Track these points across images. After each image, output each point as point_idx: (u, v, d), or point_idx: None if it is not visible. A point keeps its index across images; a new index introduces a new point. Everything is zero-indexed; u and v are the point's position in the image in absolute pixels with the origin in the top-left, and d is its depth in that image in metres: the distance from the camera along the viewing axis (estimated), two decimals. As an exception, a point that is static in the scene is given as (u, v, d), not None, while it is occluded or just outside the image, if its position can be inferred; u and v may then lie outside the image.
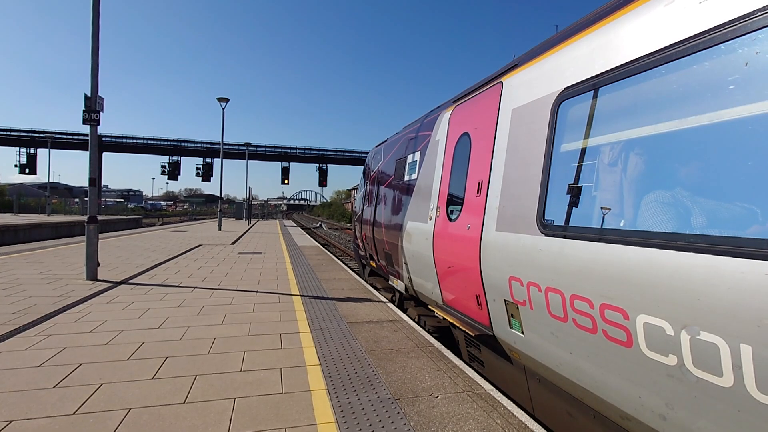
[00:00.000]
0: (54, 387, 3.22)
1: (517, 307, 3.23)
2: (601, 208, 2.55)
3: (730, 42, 1.88)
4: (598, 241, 2.43)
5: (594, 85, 2.69)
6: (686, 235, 1.95)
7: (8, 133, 53.85)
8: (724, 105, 1.89)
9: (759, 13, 1.78)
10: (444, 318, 5.00)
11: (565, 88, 2.96)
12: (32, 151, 50.92)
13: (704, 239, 1.87)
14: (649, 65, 2.29)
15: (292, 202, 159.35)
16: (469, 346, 4.73)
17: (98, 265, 7.69)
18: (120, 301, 6.01)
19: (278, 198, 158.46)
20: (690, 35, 2.06)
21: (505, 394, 3.64)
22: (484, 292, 3.76)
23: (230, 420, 2.81)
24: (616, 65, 2.51)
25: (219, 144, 29.51)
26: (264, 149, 62.34)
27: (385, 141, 8.94)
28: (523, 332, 3.23)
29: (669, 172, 2.17)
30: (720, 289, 1.76)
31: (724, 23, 1.91)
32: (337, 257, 13.84)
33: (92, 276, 7.51)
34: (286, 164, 55.52)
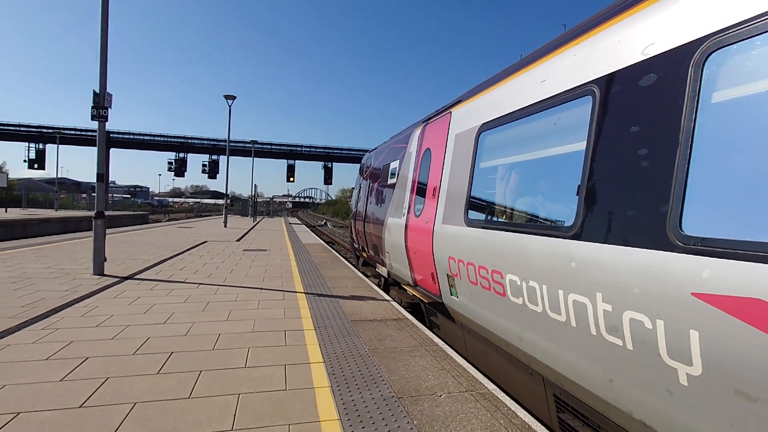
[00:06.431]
0: (61, 380, 3.26)
1: (454, 279, 4.40)
2: (495, 207, 3.88)
3: (556, 107, 3.10)
4: (491, 229, 3.68)
5: (498, 123, 3.90)
6: (526, 223, 3.33)
7: (17, 128, 54.42)
8: (555, 144, 3.15)
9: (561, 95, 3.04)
10: (414, 295, 6.04)
11: (483, 123, 4.20)
12: (41, 146, 51.45)
13: (521, 225, 3.34)
14: (523, 114, 3.49)
15: (297, 199, 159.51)
16: (430, 315, 5.85)
17: (105, 260, 7.76)
18: (126, 296, 6.06)
19: (283, 195, 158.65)
20: (544, 98, 3.21)
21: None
22: (435, 270, 4.95)
23: (234, 415, 2.82)
24: (508, 111, 3.73)
25: (225, 141, 29.63)
26: (270, 147, 62.45)
27: (376, 148, 10.32)
28: (458, 297, 4.41)
29: (528, 184, 3.45)
30: (527, 250, 3.06)
31: (555, 95, 3.09)
32: (341, 255, 13.83)
33: (99, 271, 7.58)
34: (291, 162, 55.65)
